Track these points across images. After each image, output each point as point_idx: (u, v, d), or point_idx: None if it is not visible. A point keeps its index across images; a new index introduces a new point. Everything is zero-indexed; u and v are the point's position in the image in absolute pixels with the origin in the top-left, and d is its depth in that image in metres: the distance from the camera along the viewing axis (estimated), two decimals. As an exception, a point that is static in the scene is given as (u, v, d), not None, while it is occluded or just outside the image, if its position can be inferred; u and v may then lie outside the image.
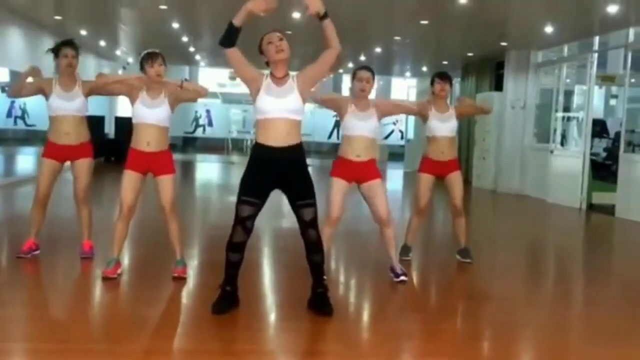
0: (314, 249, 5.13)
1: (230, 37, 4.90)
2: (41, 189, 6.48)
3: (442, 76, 7.15)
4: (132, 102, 5.97)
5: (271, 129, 4.97)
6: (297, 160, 5.09)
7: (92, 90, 6.52)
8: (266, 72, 5.14)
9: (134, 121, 5.99)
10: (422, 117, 7.18)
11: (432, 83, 7.21)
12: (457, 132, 7.34)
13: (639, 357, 4.75)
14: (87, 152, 6.56)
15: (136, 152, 5.95)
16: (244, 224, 4.97)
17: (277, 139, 4.97)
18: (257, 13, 4.88)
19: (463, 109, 7.51)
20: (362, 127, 6.18)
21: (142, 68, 5.94)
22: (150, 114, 5.90)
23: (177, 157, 6.37)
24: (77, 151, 6.48)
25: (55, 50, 6.45)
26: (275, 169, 5.00)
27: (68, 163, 6.55)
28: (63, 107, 6.38)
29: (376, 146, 6.45)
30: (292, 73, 5.16)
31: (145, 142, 5.92)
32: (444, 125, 7.05)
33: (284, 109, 4.96)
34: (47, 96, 6.42)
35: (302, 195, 5.07)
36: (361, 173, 6.19)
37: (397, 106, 6.87)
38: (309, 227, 5.07)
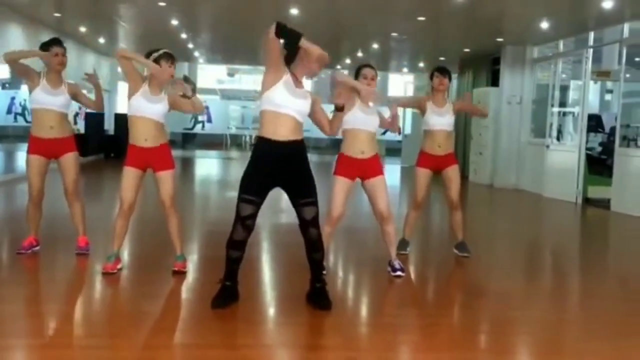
0: (314, 247, 5.16)
1: (287, 37, 4.89)
2: (33, 187, 6.49)
3: (442, 70, 7.22)
4: (132, 89, 5.92)
5: (278, 122, 4.97)
6: (300, 156, 5.10)
7: (77, 94, 6.67)
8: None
9: (130, 113, 5.96)
10: (420, 109, 7.26)
11: (431, 77, 7.28)
12: (454, 128, 7.39)
13: (634, 352, 4.78)
14: (71, 146, 6.58)
15: (135, 149, 5.96)
16: (244, 222, 4.98)
17: (283, 133, 4.97)
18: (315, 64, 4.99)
19: (464, 105, 7.57)
20: (367, 121, 6.19)
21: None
22: (149, 109, 5.90)
23: (176, 153, 6.41)
24: (61, 145, 6.49)
25: (45, 48, 6.48)
26: (277, 164, 4.99)
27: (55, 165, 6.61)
28: (48, 102, 6.41)
29: (376, 140, 6.49)
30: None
31: (142, 138, 5.93)
32: (441, 119, 7.11)
33: (296, 109, 4.99)
34: (31, 87, 6.44)
35: (303, 194, 5.09)
36: (365, 169, 6.21)
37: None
38: (310, 225, 5.09)
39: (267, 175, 5.02)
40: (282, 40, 4.89)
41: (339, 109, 5.32)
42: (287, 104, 4.96)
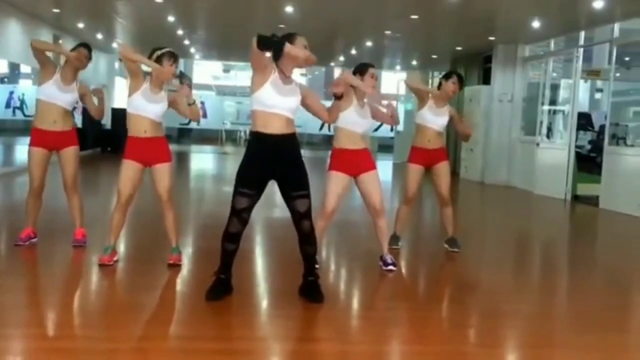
0: (307, 240, 5.21)
1: (270, 49, 4.99)
2: (34, 178, 6.57)
3: (460, 78, 7.27)
4: (133, 87, 5.97)
5: (268, 120, 5.02)
6: (293, 149, 5.14)
7: (85, 95, 6.75)
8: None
9: (129, 110, 6.01)
10: (421, 99, 7.24)
11: (446, 77, 7.26)
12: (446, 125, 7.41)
13: (622, 345, 4.86)
14: (72, 140, 6.66)
15: (134, 140, 6.01)
16: (240, 215, 5.03)
17: (271, 127, 5.02)
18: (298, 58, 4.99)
19: (457, 119, 7.42)
20: (360, 123, 6.24)
21: (158, 62, 5.93)
22: (149, 108, 5.96)
23: (172, 147, 6.44)
24: (62, 138, 6.57)
25: (73, 49, 6.62)
26: (272, 156, 5.03)
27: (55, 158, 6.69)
28: (56, 97, 6.49)
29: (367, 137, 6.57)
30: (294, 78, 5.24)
31: (142, 130, 6.00)
32: (435, 119, 7.16)
33: (286, 107, 5.03)
34: (43, 78, 6.51)
35: (297, 186, 5.12)
36: (358, 162, 6.25)
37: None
38: (303, 218, 5.13)
39: (261, 168, 5.06)
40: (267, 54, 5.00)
41: (338, 97, 5.31)
42: (276, 103, 5.01)
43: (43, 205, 6.82)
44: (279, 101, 5.02)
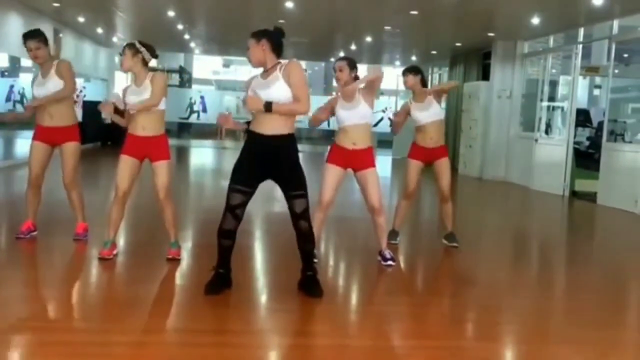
0: (305, 239, 5.24)
1: None
2: (32, 170, 6.61)
3: (403, 72, 7.41)
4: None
5: (260, 120, 5.07)
6: (286, 150, 5.14)
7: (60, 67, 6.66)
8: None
9: (130, 112, 6.13)
10: (409, 114, 7.36)
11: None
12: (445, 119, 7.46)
13: (618, 341, 4.90)
14: (72, 135, 6.69)
15: (133, 137, 6.07)
16: (233, 211, 5.07)
17: (267, 128, 5.05)
18: None
19: (435, 90, 7.51)
20: (351, 116, 6.27)
21: None
22: (137, 101, 6.04)
23: (172, 142, 6.45)
24: (62, 134, 6.61)
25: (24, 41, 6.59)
26: (264, 157, 5.07)
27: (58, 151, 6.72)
28: (40, 93, 6.53)
29: (371, 133, 6.61)
30: (284, 61, 5.18)
31: (140, 126, 6.05)
32: (425, 113, 7.21)
33: (269, 99, 5.00)
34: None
35: (293, 187, 5.15)
36: (357, 161, 6.28)
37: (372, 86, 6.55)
38: (300, 218, 5.16)
39: (254, 167, 5.11)
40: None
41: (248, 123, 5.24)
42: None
43: (44, 198, 6.87)
44: (261, 96, 5.05)
